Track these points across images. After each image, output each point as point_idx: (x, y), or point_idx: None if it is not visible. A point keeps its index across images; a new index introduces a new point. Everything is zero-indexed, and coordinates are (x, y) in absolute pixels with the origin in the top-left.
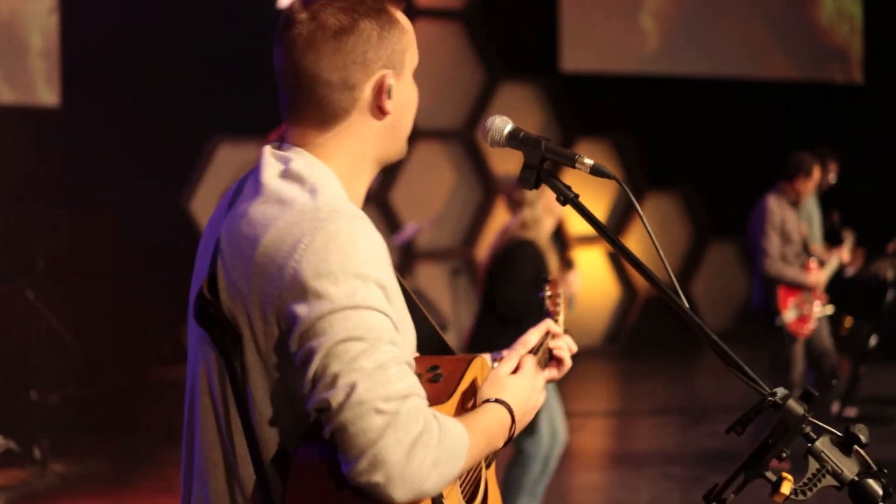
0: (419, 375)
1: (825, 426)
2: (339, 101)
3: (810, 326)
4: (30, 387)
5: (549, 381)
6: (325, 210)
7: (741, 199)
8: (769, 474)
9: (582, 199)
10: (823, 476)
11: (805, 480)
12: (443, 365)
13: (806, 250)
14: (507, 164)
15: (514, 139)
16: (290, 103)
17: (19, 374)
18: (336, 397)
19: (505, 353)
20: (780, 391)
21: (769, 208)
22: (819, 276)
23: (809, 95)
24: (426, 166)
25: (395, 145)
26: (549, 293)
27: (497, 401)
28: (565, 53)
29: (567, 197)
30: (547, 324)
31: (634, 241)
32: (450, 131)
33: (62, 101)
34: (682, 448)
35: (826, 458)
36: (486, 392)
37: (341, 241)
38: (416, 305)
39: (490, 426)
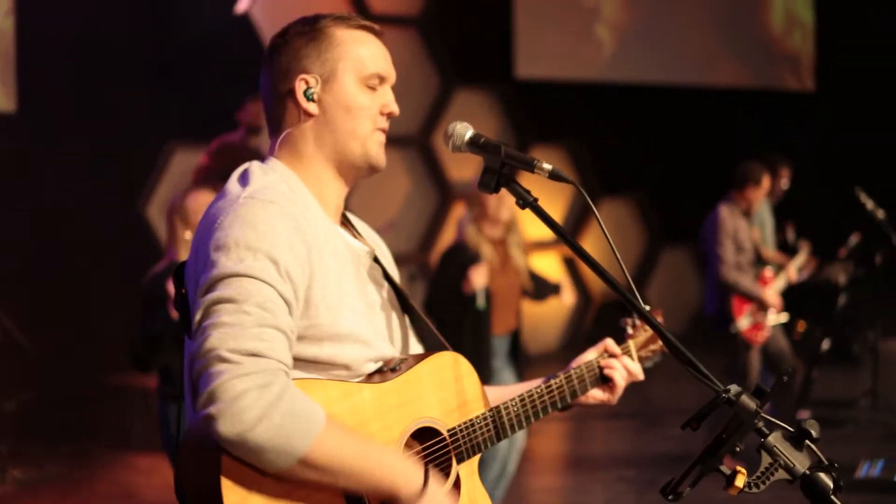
0: (384, 367)
1: (777, 422)
2: (276, 110)
3: (764, 334)
4: None
5: (596, 402)
6: (243, 196)
7: (694, 205)
8: (723, 468)
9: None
10: (776, 470)
11: (758, 474)
12: (409, 358)
13: (760, 259)
14: (463, 170)
15: (474, 144)
16: (266, 117)
17: None
18: (196, 345)
19: (560, 373)
20: (734, 388)
21: (721, 217)
22: (772, 294)
23: (762, 102)
24: (382, 172)
25: (342, 147)
26: (635, 321)
27: (419, 465)
28: (520, 60)
29: (526, 200)
30: (606, 342)
31: (590, 245)
32: (405, 137)
33: (18, 106)
34: (637, 451)
35: (778, 452)
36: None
37: (244, 220)
38: (417, 315)
39: (386, 457)
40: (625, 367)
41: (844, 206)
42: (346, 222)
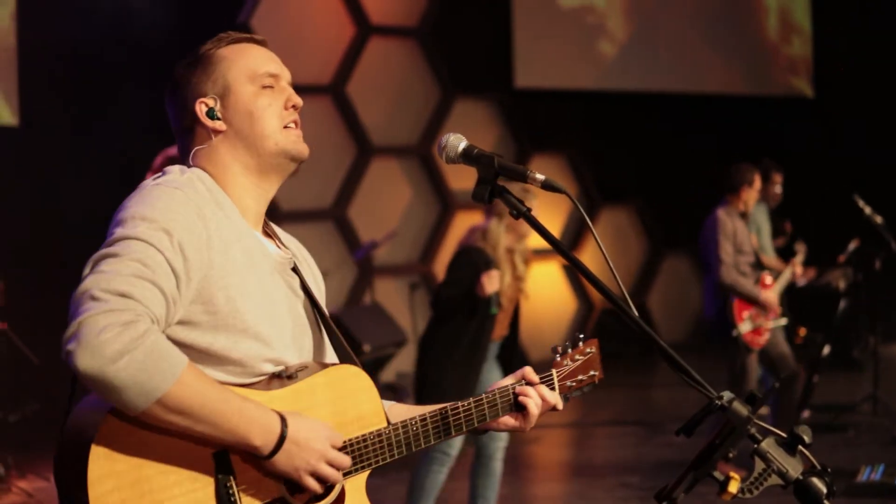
0: (283, 372)
1: (770, 427)
2: (188, 142)
3: (765, 338)
4: None
5: (507, 429)
6: (151, 185)
7: (694, 213)
8: (717, 474)
9: (538, 214)
10: (769, 475)
11: (752, 479)
12: (308, 368)
13: (759, 263)
14: (463, 180)
15: (467, 156)
16: (179, 151)
17: None
18: (76, 289)
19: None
20: (727, 394)
21: (720, 219)
22: (771, 296)
23: (760, 109)
24: (382, 182)
25: (256, 149)
26: (568, 348)
27: (280, 414)
28: (519, 70)
29: (519, 210)
30: (524, 370)
31: (590, 254)
32: (405, 148)
33: (21, 119)
34: (639, 458)
35: (771, 458)
36: (285, 411)
37: (144, 199)
38: (330, 326)
39: (245, 407)
40: (541, 396)
41: (843, 211)
42: (270, 232)
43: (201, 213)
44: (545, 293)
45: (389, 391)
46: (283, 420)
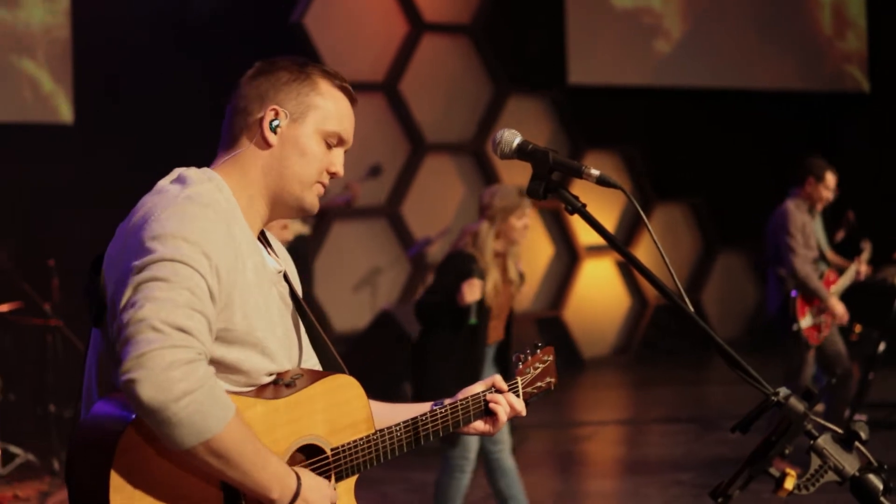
0: (280, 380)
1: (827, 424)
2: (237, 123)
3: (823, 335)
4: (48, 400)
5: (476, 433)
6: (182, 196)
7: (749, 210)
8: (773, 470)
9: (593, 210)
10: (825, 472)
11: (808, 476)
12: (305, 376)
13: (824, 259)
14: (517, 176)
15: (522, 152)
16: (225, 129)
17: (37, 388)
18: (126, 315)
19: (447, 401)
20: (783, 391)
21: (790, 210)
22: (836, 302)
23: (815, 104)
24: (436, 179)
25: (285, 184)
26: (528, 356)
27: (295, 471)
28: (572, 66)
29: (575, 206)
30: (494, 378)
31: (644, 250)
32: (459, 144)
33: (76, 117)
34: (693, 455)
35: (828, 454)
36: (297, 468)
37: (182, 216)
38: (319, 334)
39: (270, 460)
40: (509, 403)
41: None
42: (263, 241)
43: (229, 233)
44: (599, 291)
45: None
46: (299, 480)
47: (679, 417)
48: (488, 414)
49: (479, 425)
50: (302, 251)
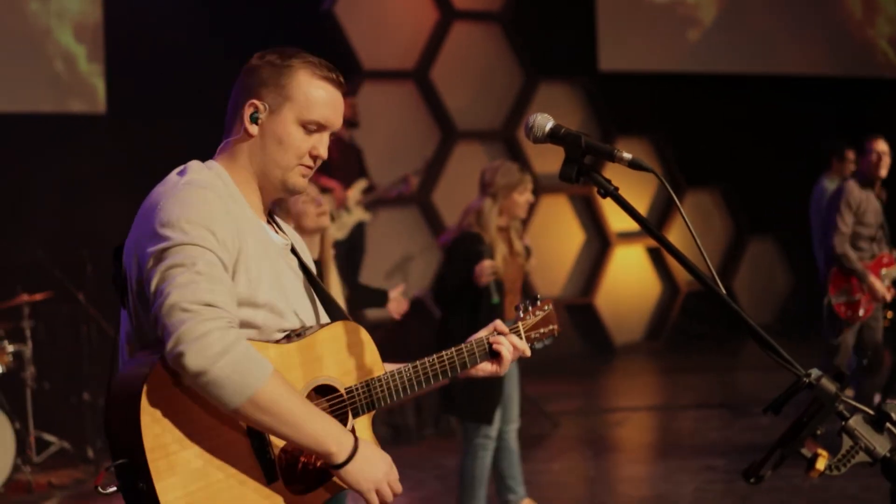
0: (291, 333)
1: (858, 405)
2: (232, 117)
3: (859, 314)
4: (82, 389)
5: (487, 374)
6: (181, 183)
7: (779, 195)
8: (804, 451)
9: (623, 196)
10: (857, 452)
11: (839, 457)
12: (313, 327)
13: (883, 239)
14: (548, 163)
15: (554, 136)
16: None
17: (72, 377)
18: (158, 304)
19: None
20: (815, 372)
21: (847, 187)
22: (878, 283)
23: (847, 89)
24: (467, 167)
25: (267, 169)
26: (528, 306)
27: (356, 439)
28: (602, 53)
29: (607, 190)
30: (496, 323)
31: (675, 235)
32: (489, 132)
33: (108, 107)
34: (725, 441)
35: (859, 435)
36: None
37: (183, 201)
38: (325, 294)
39: (327, 419)
40: (512, 344)
41: None
42: (270, 220)
43: (227, 209)
44: (630, 277)
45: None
46: (356, 441)
47: (710, 403)
48: (493, 356)
49: (486, 366)
50: (359, 241)
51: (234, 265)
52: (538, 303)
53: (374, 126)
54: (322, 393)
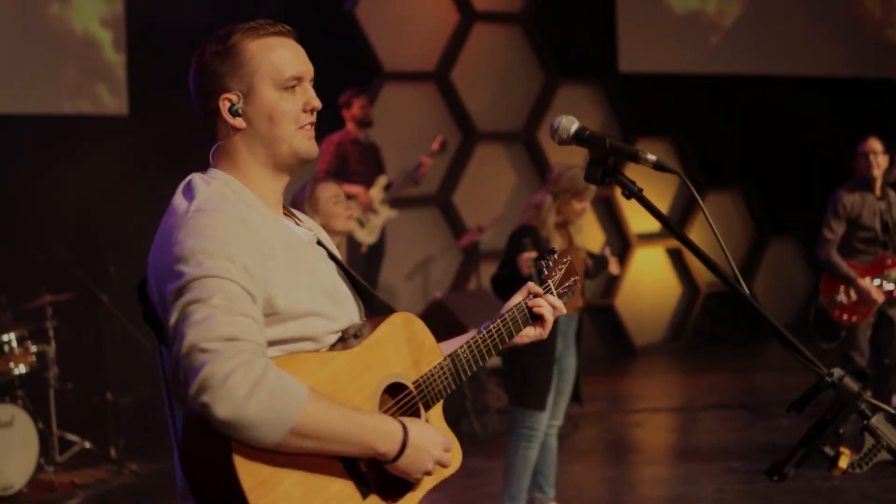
0: (347, 334)
1: (880, 404)
2: (208, 125)
3: (855, 318)
4: (105, 389)
5: (532, 339)
6: (191, 211)
7: (800, 197)
8: (827, 449)
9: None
10: (879, 451)
11: (861, 455)
12: (368, 324)
13: (884, 241)
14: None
15: (580, 138)
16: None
17: (94, 377)
18: (176, 347)
19: (491, 324)
20: (837, 371)
21: (838, 195)
22: (869, 285)
23: (867, 91)
24: (487, 168)
25: (273, 150)
26: (549, 262)
27: (402, 423)
28: (623, 54)
29: (632, 191)
30: (528, 286)
31: (695, 236)
32: (510, 133)
33: (131, 108)
34: (745, 442)
35: (881, 434)
36: (404, 419)
37: (196, 231)
38: (361, 284)
39: (367, 421)
40: (550, 304)
41: None
42: (288, 213)
43: (247, 227)
44: (650, 278)
45: (496, 375)
46: (405, 428)
47: (731, 404)
48: (534, 319)
49: (530, 331)
50: (379, 242)
51: (266, 287)
52: (556, 255)
53: (395, 127)
54: (392, 391)
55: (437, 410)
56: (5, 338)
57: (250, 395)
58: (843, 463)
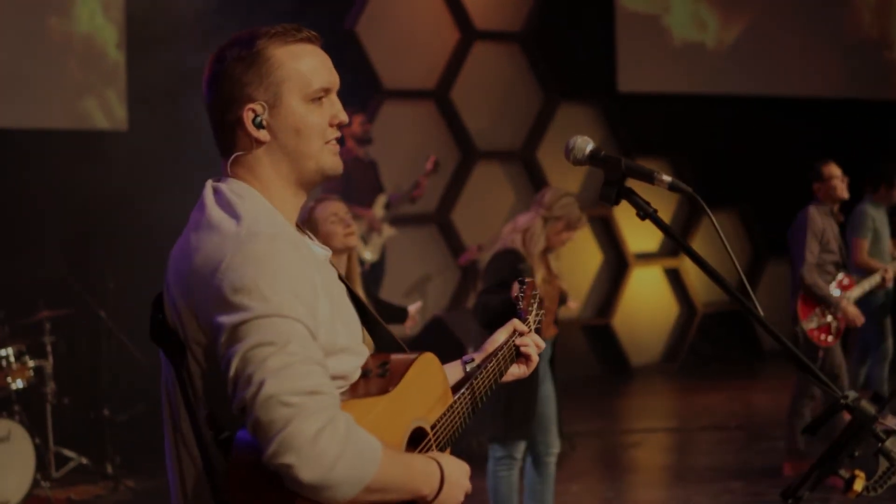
0: (369, 371)
1: (894, 427)
2: (226, 136)
3: (832, 340)
4: (102, 405)
5: (516, 378)
6: (244, 234)
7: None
8: (842, 472)
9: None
10: (893, 474)
11: (876, 478)
12: (392, 361)
13: (844, 264)
14: (567, 184)
15: (594, 158)
16: (215, 140)
17: (92, 392)
18: (249, 394)
19: (475, 355)
20: (852, 394)
21: (810, 215)
22: (852, 308)
23: (866, 113)
24: (486, 187)
25: (298, 165)
26: (522, 293)
27: (434, 458)
28: (622, 74)
29: (647, 212)
30: (513, 323)
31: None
32: (509, 152)
33: (130, 123)
34: (743, 464)
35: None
36: (433, 454)
37: (256, 260)
38: (368, 311)
39: (413, 464)
40: (534, 342)
41: None
42: (301, 231)
43: (301, 255)
44: (648, 298)
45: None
46: (440, 466)
47: (728, 425)
48: (519, 357)
49: (515, 370)
50: (380, 259)
51: (314, 320)
52: (525, 287)
53: (395, 145)
54: (416, 437)
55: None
56: (3, 353)
57: (339, 458)
58: (859, 486)
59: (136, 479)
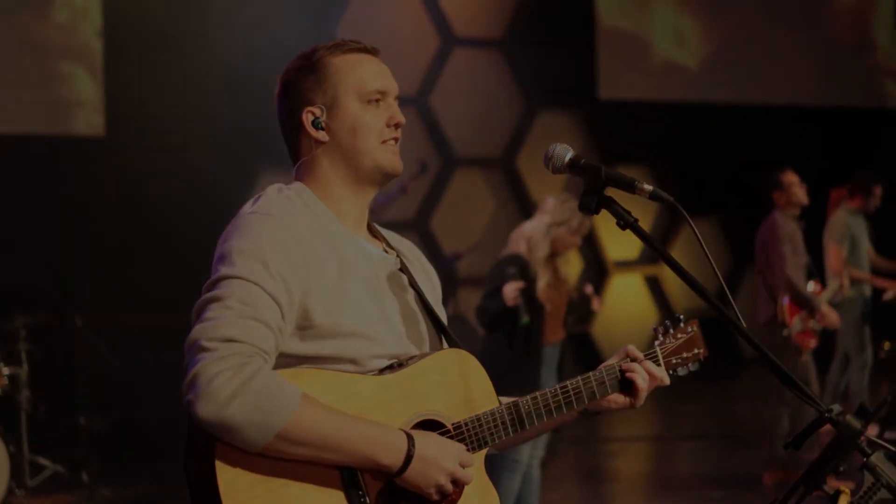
0: (394, 364)
1: (880, 441)
2: (293, 142)
3: (814, 342)
4: (77, 413)
5: (619, 407)
6: (247, 214)
7: None
8: (826, 488)
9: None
10: (878, 489)
11: (861, 493)
12: (419, 355)
13: (811, 271)
14: (547, 192)
15: (574, 166)
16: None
17: (67, 400)
18: (187, 339)
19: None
20: (836, 408)
21: (777, 220)
22: (827, 308)
23: (846, 119)
24: (466, 194)
25: (357, 164)
26: (668, 328)
27: (407, 434)
28: (602, 82)
29: (627, 221)
30: (627, 348)
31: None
32: (489, 159)
33: (107, 130)
34: (723, 472)
35: (881, 472)
36: (412, 430)
37: (242, 232)
38: (435, 315)
39: (369, 431)
40: (647, 371)
41: None
42: (376, 234)
43: (296, 236)
44: (627, 305)
45: None
46: (411, 438)
47: (708, 434)
48: (625, 386)
49: (619, 398)
50: None
51: (305, 296)
52: (681, 324)
53: None
54: (426, 427)
55: (477, 461)
56: None
57: (234, 397)
58: (843, 501)
59: (112, 488)
